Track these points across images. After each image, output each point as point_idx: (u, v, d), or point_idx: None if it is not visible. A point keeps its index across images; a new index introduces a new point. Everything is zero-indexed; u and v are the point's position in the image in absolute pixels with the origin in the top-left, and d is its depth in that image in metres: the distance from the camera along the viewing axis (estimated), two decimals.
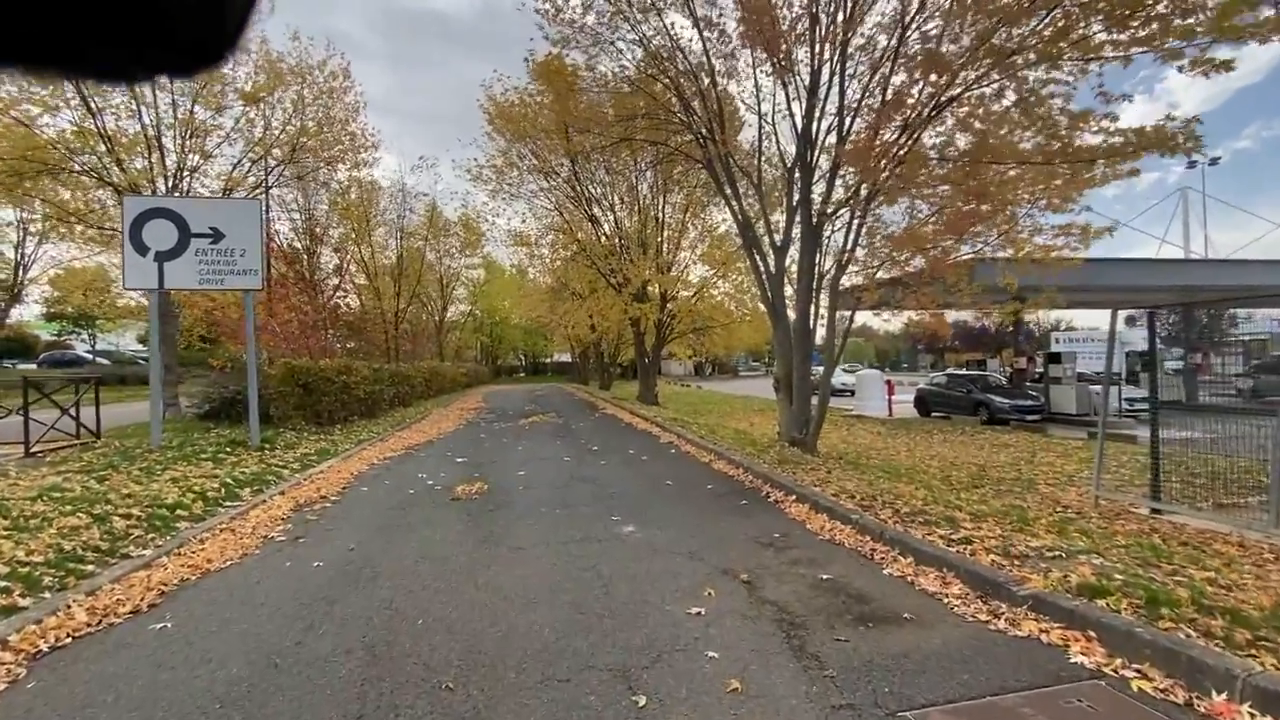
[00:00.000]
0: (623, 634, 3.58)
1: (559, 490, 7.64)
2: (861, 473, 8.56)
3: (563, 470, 9.06)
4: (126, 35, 0.48)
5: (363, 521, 6.26)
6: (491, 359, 57.17)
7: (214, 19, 0.49)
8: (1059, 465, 10.82)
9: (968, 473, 10.00)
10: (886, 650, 3.37)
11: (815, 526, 5.82)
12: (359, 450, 10.78)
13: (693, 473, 8.85)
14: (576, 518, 6.29)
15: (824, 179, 9.98)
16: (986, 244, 9.09)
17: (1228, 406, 7.22)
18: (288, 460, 9.16)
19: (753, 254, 10.98)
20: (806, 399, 10.25)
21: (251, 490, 7.28)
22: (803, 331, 10.17)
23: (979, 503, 7.04)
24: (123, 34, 0.48)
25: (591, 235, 20.34)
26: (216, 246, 9.76)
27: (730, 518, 6.25)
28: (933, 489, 7.77)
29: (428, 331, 36.25)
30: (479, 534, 5.76)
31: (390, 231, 28.78)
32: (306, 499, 7.16)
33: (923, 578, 4.41)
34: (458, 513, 6.60)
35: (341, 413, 13.95)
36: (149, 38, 0.49)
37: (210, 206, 9.93)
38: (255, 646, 3.51)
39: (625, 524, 6.00)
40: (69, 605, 3.89)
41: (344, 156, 18.16)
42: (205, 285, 9.82)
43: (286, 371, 12.45)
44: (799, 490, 6.92)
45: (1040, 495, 8.17)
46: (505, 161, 19.37)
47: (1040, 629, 3.51)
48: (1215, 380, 7.68)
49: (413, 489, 7.83)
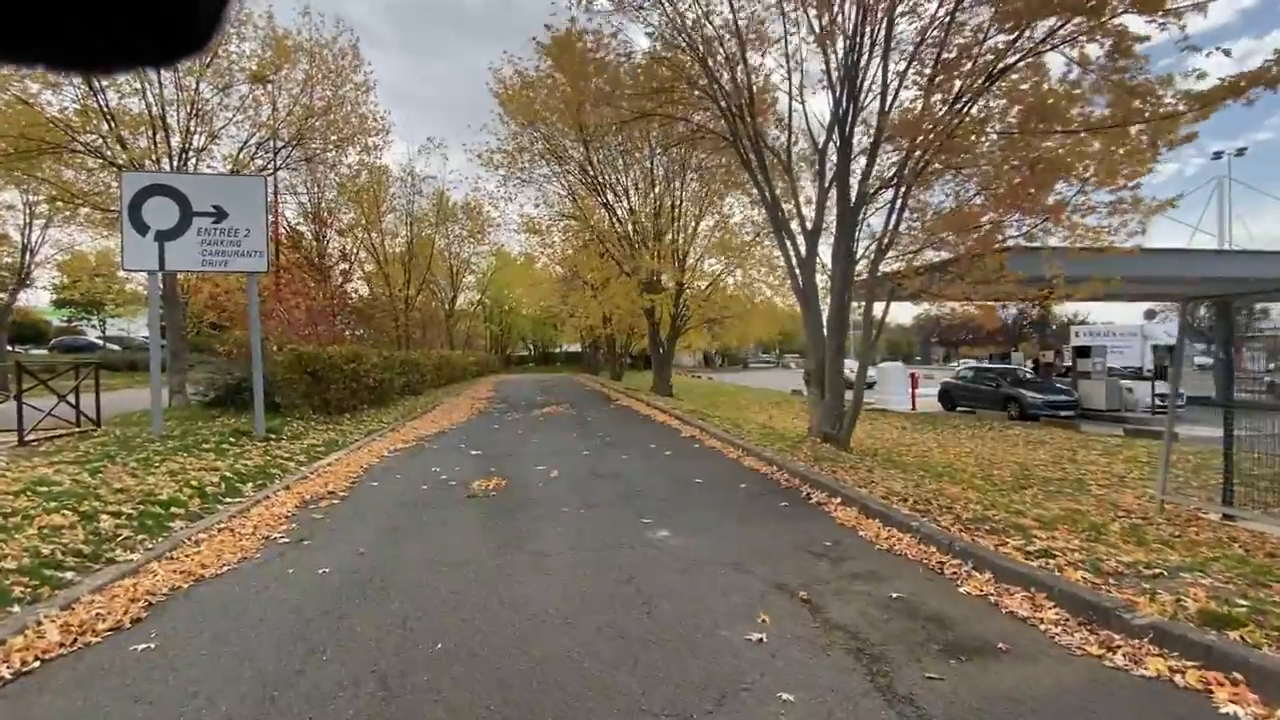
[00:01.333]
0: (675, 666, 3.06)
1: (581, 487, 7.13)
2: (904, 472, 8.01)
3: (583, 465, 8.55)
4: (104, 21, 0.47)
5: (373, 521, 5.78)
6: (501, 348, 56.85)
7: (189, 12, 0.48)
8: (1104, 464, 10.22)
9: (1010, 472, 9.42)
10: (990, 691, 2.84)
11: (869, 534, 5.27)
12: (369, 441, 10.33)
13: (722, 470, 8.31)
14: (603, 519, 5.78)
15: (863, 154, 9.36)
16: (1037, 226, 8.44)
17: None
18: (294, 452, 8.70)
19: (782, 238, 10.38)
20: (840, 393, 9.68)
21: (254, 485, 6.82)
22: (837, 321, 9.59)
23: (1034, 506, 6.49)
24: (100, 20, 0.47)
25: (605, 222, 19.75)
26: (220, 226, 9.28)
27: (772, 522, 5.72)
28: (983, 491, 7.22)
29: (437, 320, 35.83)
30: (499, 537, 5.26)
31: (400, 218, 28.32)
32: (313, 495, 6.69)
33: (1007, 598, 3.87)
34: (475, 512, 6.10)
35: (351, 401, 13.51)
36: (127, 23, 0.48)
37: (213, 183, 9.45)
38: (250, 675, 3.03)
39: (657, 527, 5.49)
40: (40, 621, 3.42)
41: (354, 138, 17.63)
42: (208, 267, 9.34)
43: (294, 359, 12.00)
44: (843, 491, 6.38)
45: (1095, 498, 7.60)
46: (516, 146, 18.78)
47: (1170, 668, 2.97)
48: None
49: (426, 484, 7.35)
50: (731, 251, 18.76)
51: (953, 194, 8.98)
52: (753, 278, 19.23)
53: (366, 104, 17.30)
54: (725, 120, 10.90)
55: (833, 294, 9.69)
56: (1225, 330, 6.13)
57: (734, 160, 13.32)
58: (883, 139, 9.11)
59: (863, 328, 9.45)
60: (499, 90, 17.61)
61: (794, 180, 10.83)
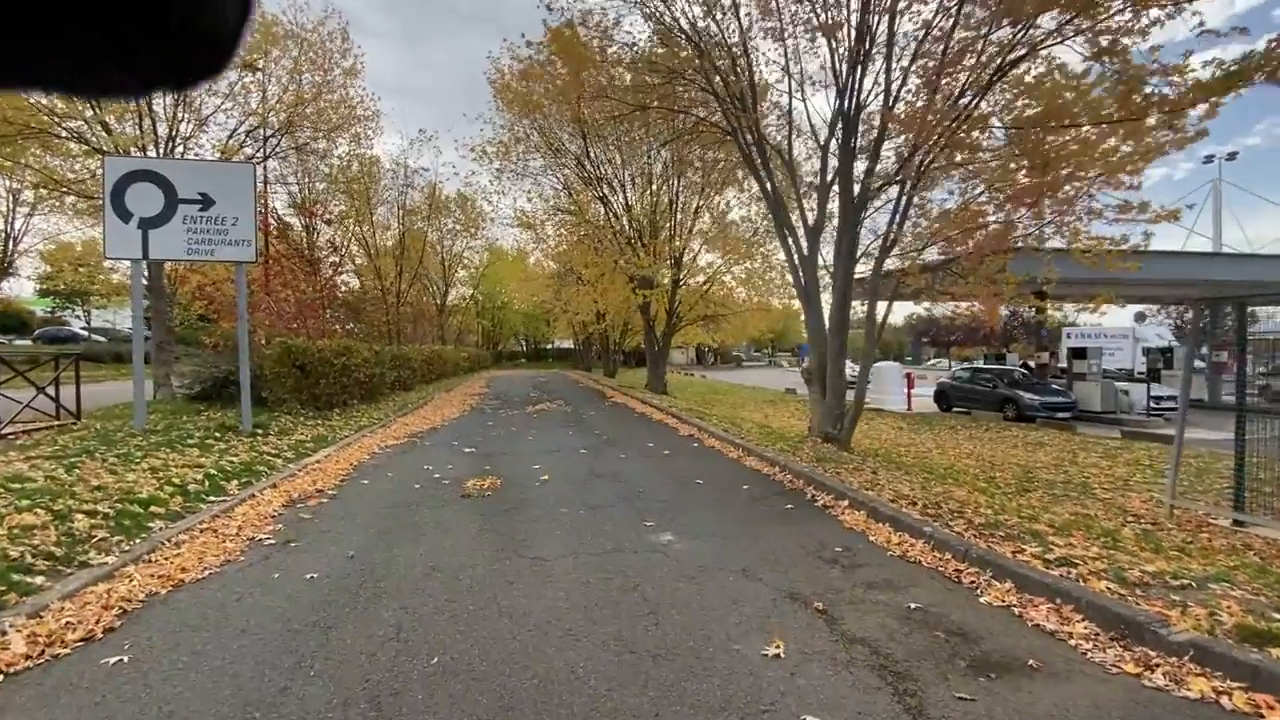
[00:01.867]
0: (689, 685, 2.86)
1: (579, 488, 6.92)
2: (907, 474, 7.85)
3: (580, 464, 8.34)
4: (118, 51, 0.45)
5: (363, 521, 5.54)
6: (493, 344, 56.45)
7: (206, 33, 0.46)
8: (1106, 467, 10.11)
9: (1012, 474, 9.30)
10: (1027, 714, 2.66)
11: (879, 539, 5.10)
12: (359, 438, 10.06)
13: (723, 470, 8.13)
14: (604, 522, 5.57)
15: (866, 153, 9.18)
16: (1046, 224, 8.28)
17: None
18: (281, 448, 8.43)
19: (784, 234, 10.18)
20: (841, 393, 9.51)
21: (239, 483, 6.55)
22: (839, 319, 9.41)
23: (1043, 510, 6.35)
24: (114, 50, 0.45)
25: (601, 217, 19.50)
26: (206, 214, 8.98)
27: (779, 526, 5.54)
28: (990, 495, 7.08)
29: (429, 314, 35.44)
30: (496, 540, 5.04)
31: (391, 210, 27.91)
32: (301, 493, 6.44)
33: (1032, 609, 3.70)
34: (469, 513, 5.88)
35: (341, 396, 13.22)
36: (142, 53, 0.46)
37: (199, 170, 9.13)
38: (230, 692, 2.80)
39: (660, 531, 5.29)
40: (5, 631, 3.18)
41: (344, 126, 17.28)
42: (194, 256, 9.04)
43: (282, 351, 11.70)
44: (850, 494, 6.20)
45: (1101, 502, 7.47)
46: (512, 137, 18.47)
47: (1216, 689, 2.80)
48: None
49: (418, 483, 7.11)
50: (731, 243, 18.54)
51: (958, 192, 8.81)
52: (751, 269, 19.00)
53: (354, 87, 16.98)
54: (724, 113, 10.71)
55: (834, 292, 9.51)
56: (1242, 332, 5.99)
57: (734, 154, 13.13)
58: (885, 136, 8.94)
59: (866, 326, 9.28)
60: (495, 79, 17.31)
61: (795, 176, 10.63)
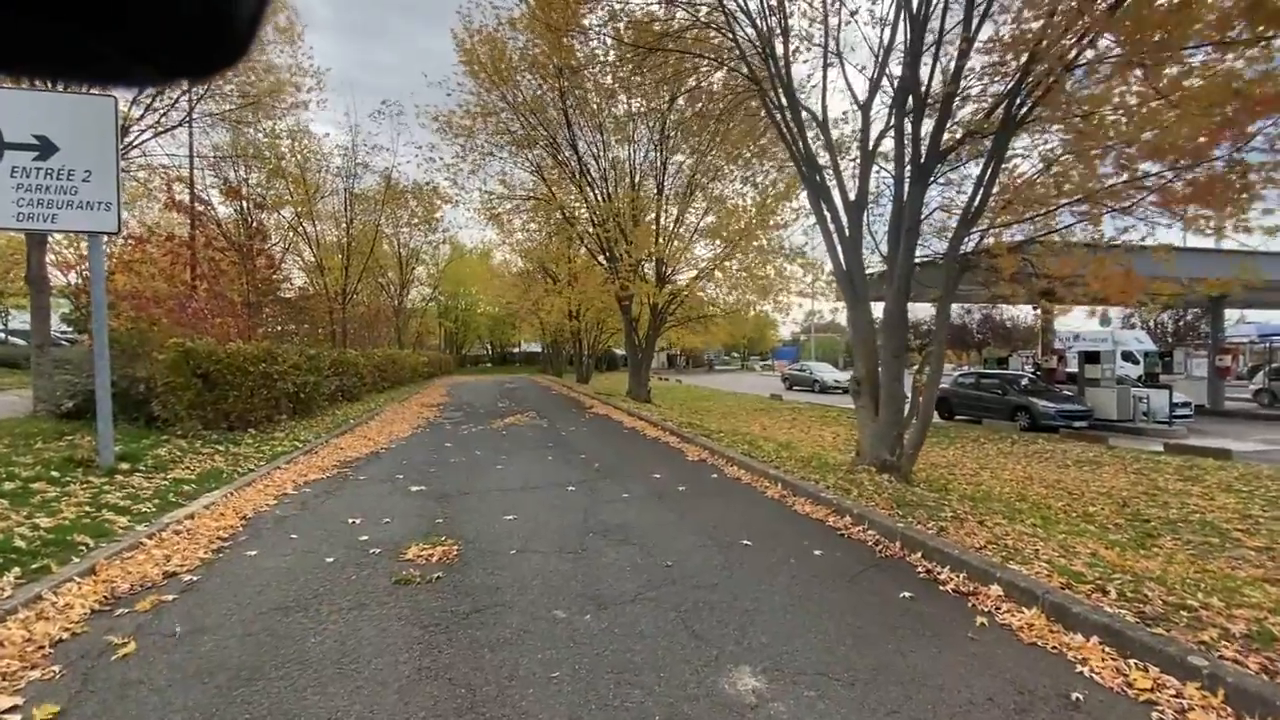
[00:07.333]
0: None
1: (577, 561, 4.66)
2: (1011, 519, 5.86)
3: (571, 511, 6.09)
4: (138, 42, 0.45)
5: (218, 649, 3.20)
6: (456, 347, 53.51)
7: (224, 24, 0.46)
8: (1199, 493, 8.31)
9: (1105, 507, 7.45)
10: None
11: (1103, 674, 3.00)
12: (269, 470, 7.58)
13: (772, 521, 5.94)
14: (628, 640, 3.34)
15: (935, 105, 7.21)
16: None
17: None
18: (142, 494, 5.94)
19: (820, 207, 8.14)
20: (899, 409, 7.48)
21: (22, 569, 4.09)
22: (897, 315, 7.40)
23: (1224, 577, 4.44)
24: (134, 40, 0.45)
25: (579, 200, 17.29)
26: (45, 164, 6.46)
27: (920, 643, 3.38)
28: (1121, 549, 5.15)
29: (385, 315, 32.48)
30: (441, 695, 2.78)
31: (340, 199, 25.02)
32: (134, 582, 4.04)
33: None
34: (402, 623, 3.57)
35: (261, 412, 10.65)
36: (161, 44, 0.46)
37: (33, 102, 6.54)
38: None
39: (731, 663, 3.09)
40: None
41: (276, 91, 14.65)
42: (25, 223, 6.47)
43: (178, 356, 9.09)
44: (985, 569, 4.11)
45: (1255, 553, 5.65)
46: (482, 109, 16.07)
47: None
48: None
49: (333, 554, 4.75)
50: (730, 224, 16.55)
51: (1062, 146, 6.88)
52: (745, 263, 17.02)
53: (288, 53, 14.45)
54: (746, 63, 8.65)
55: (890, 279, 7.50)
56: None
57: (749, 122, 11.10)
58: (961, 73, 6.96)
59: (936, 322, 7.32)
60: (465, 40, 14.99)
61: (832, 141, 8.60)
